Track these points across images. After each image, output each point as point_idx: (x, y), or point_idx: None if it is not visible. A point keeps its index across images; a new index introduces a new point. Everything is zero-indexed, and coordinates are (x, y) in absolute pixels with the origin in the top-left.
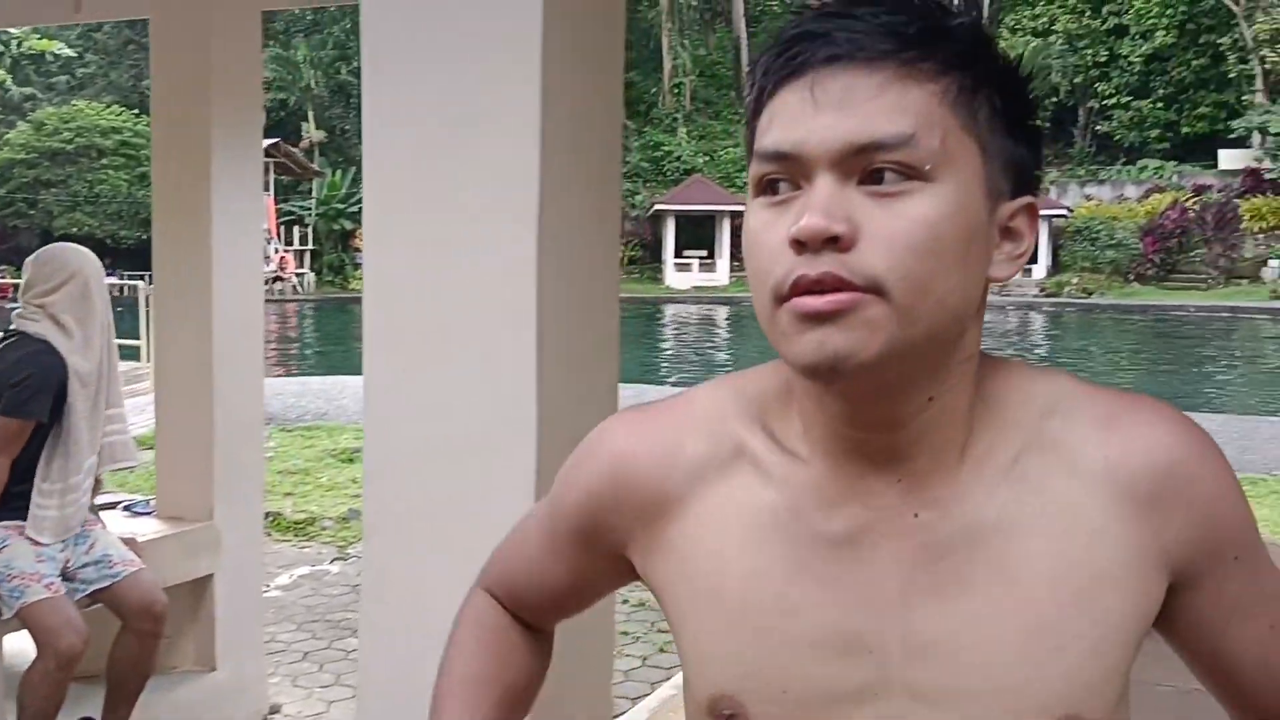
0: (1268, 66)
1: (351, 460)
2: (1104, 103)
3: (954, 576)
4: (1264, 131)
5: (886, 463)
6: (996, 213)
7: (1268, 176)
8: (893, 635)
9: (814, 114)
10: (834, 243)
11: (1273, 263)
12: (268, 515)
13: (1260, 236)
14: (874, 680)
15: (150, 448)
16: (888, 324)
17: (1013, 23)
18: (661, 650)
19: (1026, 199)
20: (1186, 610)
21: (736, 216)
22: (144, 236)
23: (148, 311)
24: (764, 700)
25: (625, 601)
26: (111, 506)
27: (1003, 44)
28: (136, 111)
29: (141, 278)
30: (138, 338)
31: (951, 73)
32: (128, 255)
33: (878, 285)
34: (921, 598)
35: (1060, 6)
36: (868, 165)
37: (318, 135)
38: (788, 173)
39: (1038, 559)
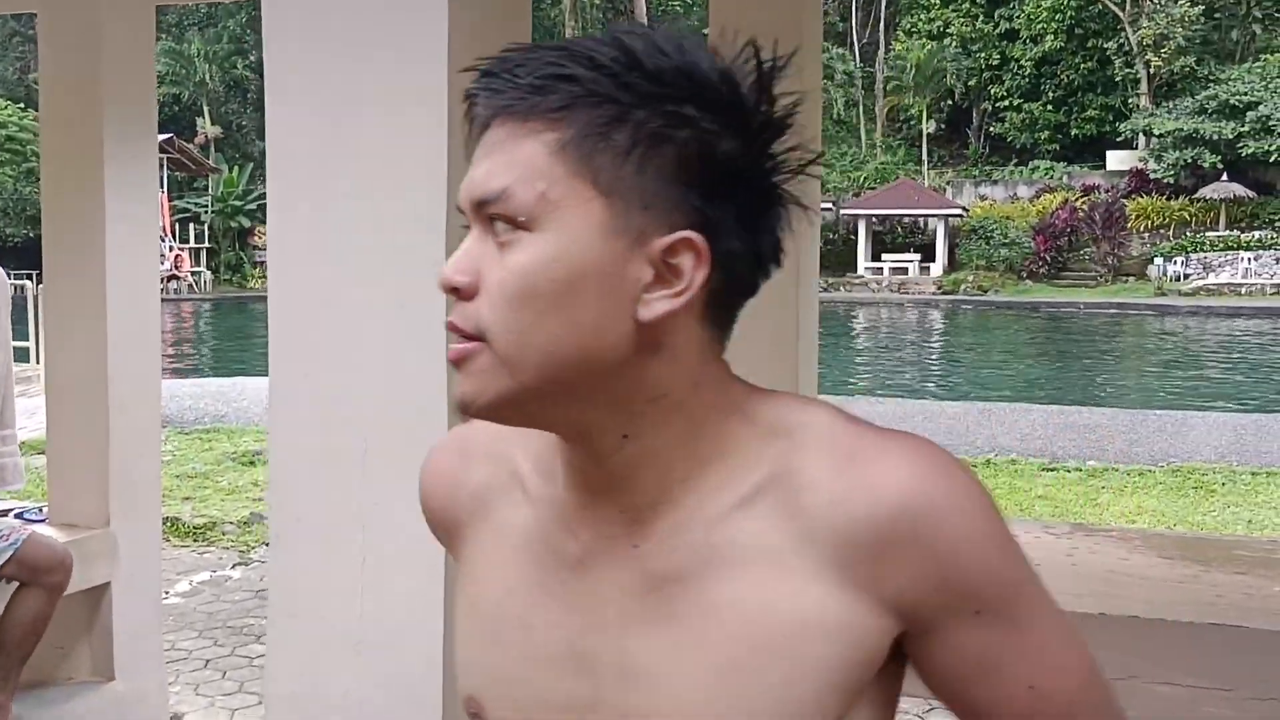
0: (1151, 70)
1: (252, 463)
2: (997, 105)
3: (663, 608)
4: (1148, 133)
5: (609, 493)
6: (641, 252)
7: (1152, 177)
8: (608, 658)
9: (469, 169)
10: (459, 292)
11: (1158, 260)
12: (166, 520)
13: (1146, 235)
14: (590, 699)
15: (41, 453)
16: (496, 372)
17: (909, 26)
18: None
19: (682, 234)
20: (924, 659)
21: None
22: (31, 234)
23: (37, 311)
24: (498, 706)
25: None
26: (1, 514)
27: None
28: (22, 105)
29: (30, 277)
30: (27, 339)
31: (564, 120)
32: (14, 253)
33: (483, 335)
34: (636, 625)
35: (954, 10)
36: (487, 217)
37: (213, 131)
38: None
39: (740, 601)
